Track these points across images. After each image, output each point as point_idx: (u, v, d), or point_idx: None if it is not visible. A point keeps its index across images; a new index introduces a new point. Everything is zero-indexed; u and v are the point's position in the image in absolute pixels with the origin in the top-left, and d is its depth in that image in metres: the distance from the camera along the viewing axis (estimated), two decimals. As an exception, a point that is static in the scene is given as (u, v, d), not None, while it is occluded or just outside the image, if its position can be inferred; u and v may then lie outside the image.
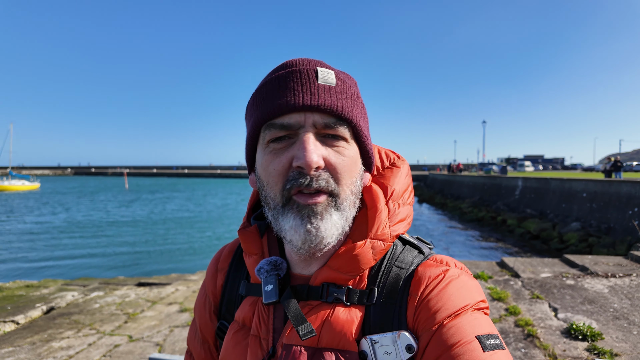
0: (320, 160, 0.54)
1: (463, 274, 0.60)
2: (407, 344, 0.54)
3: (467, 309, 0.55)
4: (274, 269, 0.64)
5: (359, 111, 0.60)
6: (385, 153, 0.72)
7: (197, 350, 0.78)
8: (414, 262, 0.62)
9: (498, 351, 0.51)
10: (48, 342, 3.87)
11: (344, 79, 0.59)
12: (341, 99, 0.56)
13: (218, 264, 0.78)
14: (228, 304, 0.73)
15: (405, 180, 0.68)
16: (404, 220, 0.64)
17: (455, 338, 0.52)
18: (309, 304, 0.60)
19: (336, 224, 0.57)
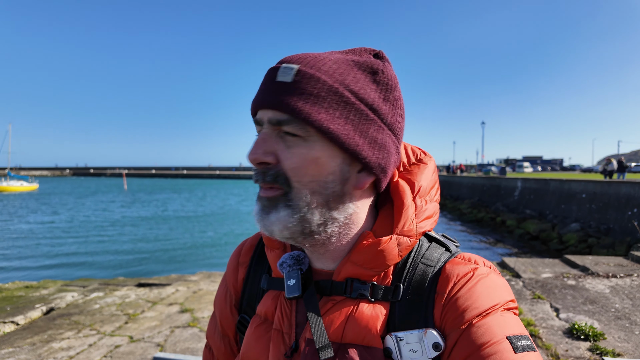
0: (265, 156, 0.55)
1: (492, 272, 0.59)
2: (434, 342, 0.53)
3: (497, 309, 0.54)
4: (297, 263, 0.63)
5: (327, 107, 0.54)
6: (412, 149, 0.70)
7: (217, 344, 0.77)
8: (440, 260, 0.61)
9: (530, 353, 0.50)
10: (48, 342, 3.86)
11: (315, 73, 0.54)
12: (294, 96, 0.53)
13: (239, 258, 0.78)
14: (249, 298, 0.73)
15: (432, 177, 0.67)
16: (430, 217, 0.63)
17: (485, 338, 0.51)
18: (333, 299, 0.60)
19: (283, 220, 0.55)
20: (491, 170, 42.16)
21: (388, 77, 0.58)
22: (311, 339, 0.57)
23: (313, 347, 0.56)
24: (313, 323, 0.57)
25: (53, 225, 20.73)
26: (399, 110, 0.60)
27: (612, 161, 20.32)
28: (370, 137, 0.56)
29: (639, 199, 12.48)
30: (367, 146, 0.56)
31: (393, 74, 0.60)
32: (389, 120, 0.58)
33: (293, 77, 0.54)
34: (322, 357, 0.54)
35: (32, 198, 40.13)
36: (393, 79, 0.59)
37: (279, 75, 0.55)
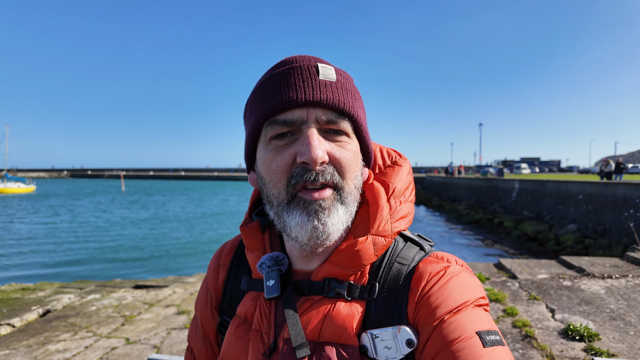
0: (325, 155, 0.55)
1: (464, 270, 0.61)
2: (407, 339, 0.54)
3: (468, 305, 0.56)
4: (276, 264, 0.64)
5: (359, 107, 0.60)
6: (387, 152, 0.72)
7: (198, 346, 0.78)
8: (415, 259, 0.63)
9: (498, 347, 0.51)
10: (44, 344, 3.85)
11: (344, 74, 0.60)
12: (342, 94, 0.56)
13: (220, 260, 0.79)
14: (230, 300, 0.73)
15: (406, 178, 0.69)
16: (405, 217, 0.65)
17: (455, 333, 0.52)
18: (311, 299, 0.61)
19: (342, 219, 0.58)
20: (489, 171, 42.23)
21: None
22: (289, 338, 0.58)
23: (291, 347, 0.58)
24: (290, 322, 0.58)
25: (50, 227, 20.65)
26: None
27: (610, 162, 20.40)
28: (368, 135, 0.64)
29: (635, 200, 12.54)
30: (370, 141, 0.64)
31: None
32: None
33: (336, 76, 0.57)
34: (299, 356, 0.56)
35: (30, 200, 39.97)
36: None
37: (321, 74, 0.56)
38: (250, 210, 0.76)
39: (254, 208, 0.77)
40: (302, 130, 0.56)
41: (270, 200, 0.60)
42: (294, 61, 0.58)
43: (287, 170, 0.56)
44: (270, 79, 0.58)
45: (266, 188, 0.60)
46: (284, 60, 0.60)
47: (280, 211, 0.58)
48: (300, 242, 0.58)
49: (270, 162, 0.57)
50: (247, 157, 0.66)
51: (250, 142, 0.63)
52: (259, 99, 0.59)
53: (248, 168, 0.68)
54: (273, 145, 0.57)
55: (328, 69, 0.57)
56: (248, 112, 0.63)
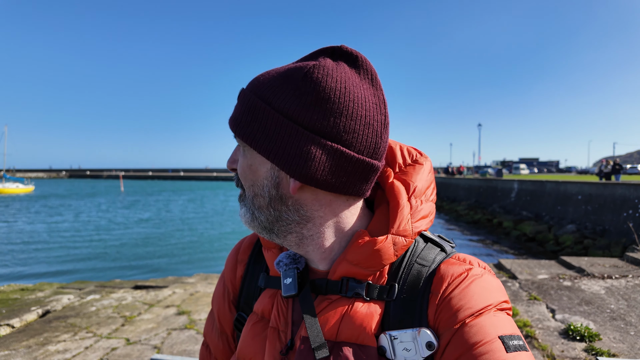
0: (232, 164, 0.66)
1: (486, 273, 0.60)
2: (428, 341, 0.53)
3: (490, 309, 0.55)
4: (293, 262, 0.64)
5: (249, 122, 0.57)
6: (408, 150, 0.71)
7: (215, 341, 0.78)
8: (435, 260, 0.62)
9: (521, 352, 0.50)
10: (44, 345, 3.84)
11: (244, 93, 0.60)
12: (236, 114, 0.61)
13: (238, 256, 0.79)
14: (247, 296, 0.73)
15: (427, 177, 0.67)
16: (426, 217, 0.63)
17: (477, 337, 0.51)
18: (329, 298, 0.60)
19: (243, 216, 0.64)
20: (488, 172, 42.27)
21: (313, 81, 0.55)
22: (306, 337, 0.58)
23: (308, 345, 0.57)
24: (309, 322, 0.58)
25: (49, 227, 20.61)
26: (335, 110, 0.55)
27: (609, 163, 20.46)
28: (285, 145, 0.55)
29: (634, 201, 12.56)
30: (281, 154, 0.56)
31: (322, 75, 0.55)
32: (313, 124, 0.55)
33: (241, 96, 0.61)
34: (318, 357, 0.55)
35: (28, 200, 39.90)
36: (322, 81, 0.55)
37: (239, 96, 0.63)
38: None
39: None
40: None
41: None
42: None
43: None
44: None
45: None
46: None
47: None
48: None
49: None
50: None
51: None
52: None
53: None
54: None
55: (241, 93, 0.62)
56: None
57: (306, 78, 0.55)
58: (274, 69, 0.61)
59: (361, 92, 0.57)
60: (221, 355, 0.78)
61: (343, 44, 0.60)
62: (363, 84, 0.58)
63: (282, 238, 0.63)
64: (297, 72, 0.56)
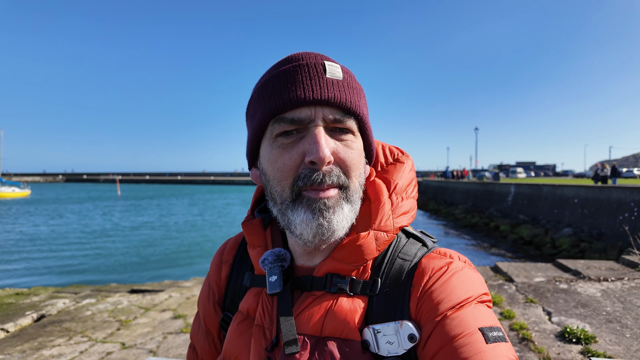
0: (331, 155, 0.55)
1: (467, 267, 0.61)
2: (410, 334, 0.54)
3: (471, 301, 0.56)
4: (278, 260, 0.65)
5: (364, 104, 0.61)
6: (390, 149, 0.73)
7: (201, 343, 0.78)
8: (417, 254, 0.63)
9: (500, 343, 0.51)
10: (39, 350, 3.80)
11: (349, 72, 0.60)
12: (349, 93, 0.57)
13: (222, 256, 0.79)
14: (232, 296, 0.74)
15: (408, 175, 0.69)
16: (407, 213, 0.65)
17: (458, 329, 0.52)
18: (313, 294, 0.61)
19: (347, 217, 0.58)
20: (485, 175, 42.38)
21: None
22: None
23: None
24: (283, 319, 0.59)
25: (44, 231, 20.48)
26: None
27: (606, 167, 20.58)
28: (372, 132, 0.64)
29: (630, 204, 12.62)
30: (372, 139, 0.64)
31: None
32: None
33: (343, 74, 0.57)
34: (287, 352, 0.56)
35: (24, 204, 39.65)
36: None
37: (328, 72, 0.56)
38: (252, 207, 0.77)
39: (256, 205, 0.77)
40: (308, 129, 0.56)
41: (274, 198, 0.60)
42: (300, 58, 0.58)
43: (294, 169, 0.56)
44: (276, 76, 0.58)
45: (270, 185, 0.60)
46: (289, 57, 0.60)
47: (284, 209, 0.58)
48: (304, 240, 0.58)
49: (277, 159, 0.57)
50: (249, 154, 0.66)
51: (254, 138, 0.62)
52: (265, 96, 0.58)
53: (249, 165, 0.68)
54: (279, 143, 0.57)
55: (335, 67, 0.57)
56: (252, 109, 0.62)
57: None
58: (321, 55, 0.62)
59: None
60: (207, 357, 0.78)
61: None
62: None
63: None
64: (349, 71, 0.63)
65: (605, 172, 20.14)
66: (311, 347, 0.57)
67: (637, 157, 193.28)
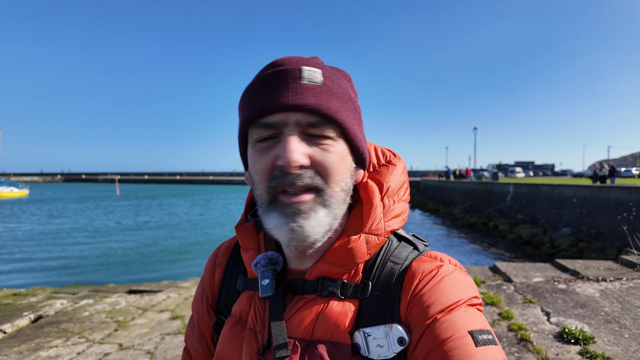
0: (304, 159, 0.55)
1: (457, 270, 0.61)
2: (399, 337, 0.54)
3: (461, 305, 0.56)
4: (270, 263, 0.65)
5: (347, 109, 0.59)
6: (382, 151, 0.73)
7: (195, 346, 0.78)
8: (408, 258, 0.63)
9: (490, 346, 0.51)
10: (36, 351, 3.79)
11: (332, 77, 0.59)
12: (326, 98, 0.56)
13: (216, 260, 0.79)
14: (226, 299, 0.74)
15: (400, 178, 0.69)
16: (399, 216, 0.65)
17: (447, 333, 0.52)
18: (305, 298, 0.61)
19: (322, 222, 0.57)
20: (483, 175, 42.42)
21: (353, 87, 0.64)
22: None
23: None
24: (274, 323, 0.59)
25: (42, 231, 20.44)
26: None
27: (605, 166, 20.63)
28: (362, 136, 0.63)
29: (628, 204, 12.65)
30: (362, 143, 0.63)
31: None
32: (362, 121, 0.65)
33: (323, 79, 0.57)
34: (277, 356, 0.56)
35: (22, 204, 39.59)
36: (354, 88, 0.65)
37: (305, 77, 0.56)
38: (246, 211, 0.77)
39: (249, 208, 0.77)
40: (283, 133, 0.56)
41: (258, 200, 0.61)
42: (281, 64, 0.58)
43: (268, 172, 0.57)
44: (257, 82, 0.59)
45: (254, 188, 0.61)
46: (272, 62, 0.60)
47: (263, 212, 0.59)
48: (283, 244, 0.60)
49: (254, 163, 0.59)
50: (242, 156, 0.67)
51: (240, 142, 0.64)
52: (245, 102, 0.60)
53: (245, 167, 0.69)
54: (258, 147, 0.58)
55: (313, 72, 0.57)
56: (239, 113, 0.64)
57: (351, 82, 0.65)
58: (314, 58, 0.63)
59: None
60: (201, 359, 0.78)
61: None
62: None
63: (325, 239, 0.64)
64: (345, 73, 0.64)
65: (604, 172, 20.18)
66: (301, 351, 0.57)
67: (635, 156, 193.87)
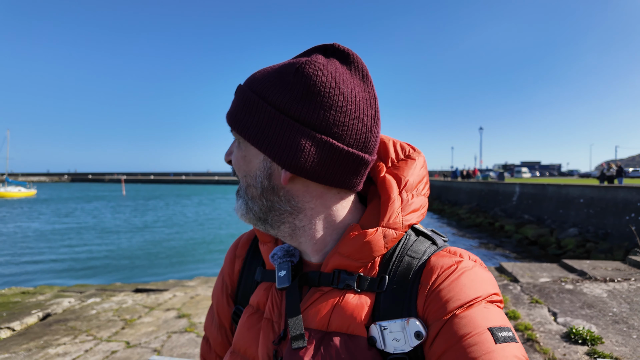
0: (227, 156, 0.68)
1: (477, 266, 0.60)
2: (416, 331, 0.54)
3: (480, 301, 0.55)
4: (287, 255, 0.66)
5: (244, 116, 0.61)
6: (401, 145, 0.72)
7: (214, 335, 0.80)
8: (426, 252, 0.62)
9: (510, 344, 0.51)
10: (44, 348, 3.83)
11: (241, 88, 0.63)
12: (232, 109, 0.63)
13: (236, 251, 0.81)
14: (244, 290, 0.76)
15: (420, 172, 0.68)
16: (417, 211, 0.64)
17: (466, 329, 0.51)
18: (321, 290, 0.62)
19: (239, 208, 0.67)
20: (489, 175, 42.18)
21: (304, 75, 0.57)
22: None
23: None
24: (290, 314, 0.60)
25: (50, 231, 20.64)
26: (325, 103, 0.57)
27: (612, 166, 20.44)
28: (277, 137, 0.58)
29: (636, 204, 12.52)
30: (272, 145, 0.58)
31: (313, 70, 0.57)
32: (304, 116, 0.57)
33: (237, 91, 0.64)
34: (294, 347, 0.57)
35: (30, 204, 39.99)
36: (313, 76, 0.57)
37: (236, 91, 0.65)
38: None
39: None
40: None
41: None
42: None
43: None
44: None
45: None
46: None
47: None
48: None
49: None
50: None
51: None
52: None
53: None
54: None
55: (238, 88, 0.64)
56: None
57: (298, 73, 0.58)
58: (270, 66, 0.63)
59: (351, 87, 0.59)
60: (220, 349, 0.80)
61: (335, 42, 0.63)
62: (354, 79, 0.60)
63: (276, 229, 0.65)
64: (290, 67, 0.59)
65: (612, 172, 19.99)
66: (317, 342, 0.57)
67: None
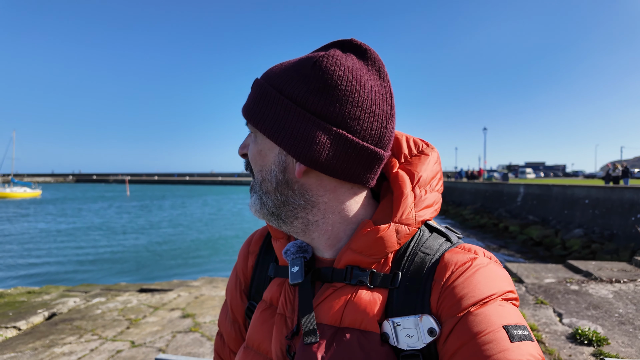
0: (242, 149, 0.68)
1: (492, 263, 0.60)
2: (430, 328, 0.53)
3: (495, 298, 0.54)
4: (300, 251, 0.66)
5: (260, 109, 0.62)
6: (414, 141, 0.71)
7: (228, 330, 0.81)
8: (440, 249, 0.62)
9: (526, 342, 0.50)
10: (50, 347, 3.86)
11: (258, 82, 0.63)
12: (249, 102, 0.64)
13: (250, 247, 0.82)
14: (258, 285, 0.76)
15: (433, 167, 0.68)
16: (430, 207, 0.64)
17: (481, 326, 0.51)
18: (334, 286, 0.62)
19: (253, 204, 0.67)
20: (494, 176, 42.00)
21: (322, 69, 0.58)
22: None
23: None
24: (303, 308, 0.60)
25: (55, 231, 20.78)
26: (341, 97, 0.57)
27: (618, 167, 20.30)
28: (293, 129, 0.58)
29: (642, 205, 12.42)
30: (288, 137, 0.59)
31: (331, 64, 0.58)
32: (320, 109, 0.57)
33: (254, 86, 0.64)
34: (306, 342, 0.57)
35: (36, 204, 40.28)
36: (330, 69, 0.57)
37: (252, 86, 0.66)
38: None
39: None
40: None
41: None
42: None
43: None
44: None
45: None
46: None
47: None
48: None
49: None
50: None
51: None
52: None
53: None
54: None
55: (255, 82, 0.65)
56: None
57: (315, 66, 0.58)
58: (287, 60, 0.64)
59: (368, 82, 0.60)
60: (234, 344, 0.81)
61: (353, 38, 0.63)
62: (370, 74, 0.61)
63: (289, 224, 0.65)
64: (307, 61, 0.60)
65: (617, 173, 19.85)
66: (329, 338, 0.57)
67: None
